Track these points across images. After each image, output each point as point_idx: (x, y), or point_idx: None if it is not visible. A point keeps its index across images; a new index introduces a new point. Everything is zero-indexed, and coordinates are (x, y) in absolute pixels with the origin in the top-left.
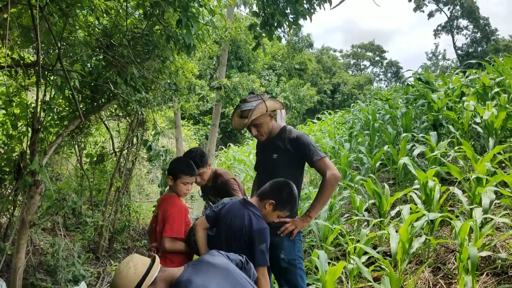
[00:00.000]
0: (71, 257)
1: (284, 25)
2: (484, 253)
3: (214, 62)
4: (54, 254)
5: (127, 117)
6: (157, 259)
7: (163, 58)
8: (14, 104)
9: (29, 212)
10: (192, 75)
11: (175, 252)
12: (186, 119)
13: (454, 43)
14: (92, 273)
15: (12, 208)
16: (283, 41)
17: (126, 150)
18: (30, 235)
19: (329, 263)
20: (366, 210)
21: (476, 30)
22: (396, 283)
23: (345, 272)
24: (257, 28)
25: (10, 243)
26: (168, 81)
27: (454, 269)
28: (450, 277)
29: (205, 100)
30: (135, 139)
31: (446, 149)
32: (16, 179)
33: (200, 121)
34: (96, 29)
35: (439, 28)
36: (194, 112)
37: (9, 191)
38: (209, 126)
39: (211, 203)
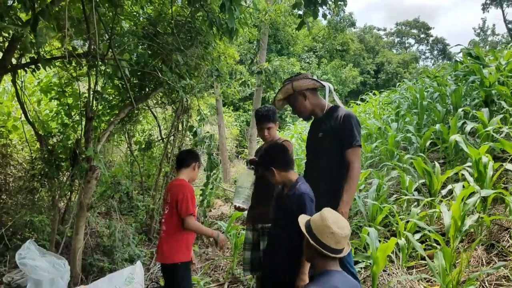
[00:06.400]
0: (126, 239)
1: (330, 2)
2: None
3: (254, 47)
4: (110, 236)
5: (172, 105)
6: None
7: (205, 44)
8: (67, 94)
9: (86, 196)
10: (233, 60)
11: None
12: (226, 106)
13: (504, 17)
14: (146, 253)
15: (69, 193)
16: (324, 22)
17: (172, 137)
18: (88, 218)
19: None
20: (416, 190)
21: None
22: (449, 259)
23: (395, 252)
24: (302, 7)
25: (69, 226)
26: (210, 67)
27: (508, 246)
28: (504, 254)
29: (245, 85)
30: (180, 126)
31: (499, 125)
32: (72, 166)
33: (240, 107)
34: (141, 18)
35: (488, 1)
36: (235, 97)
37: (66, 177)
38: (249, 112)
39: None
